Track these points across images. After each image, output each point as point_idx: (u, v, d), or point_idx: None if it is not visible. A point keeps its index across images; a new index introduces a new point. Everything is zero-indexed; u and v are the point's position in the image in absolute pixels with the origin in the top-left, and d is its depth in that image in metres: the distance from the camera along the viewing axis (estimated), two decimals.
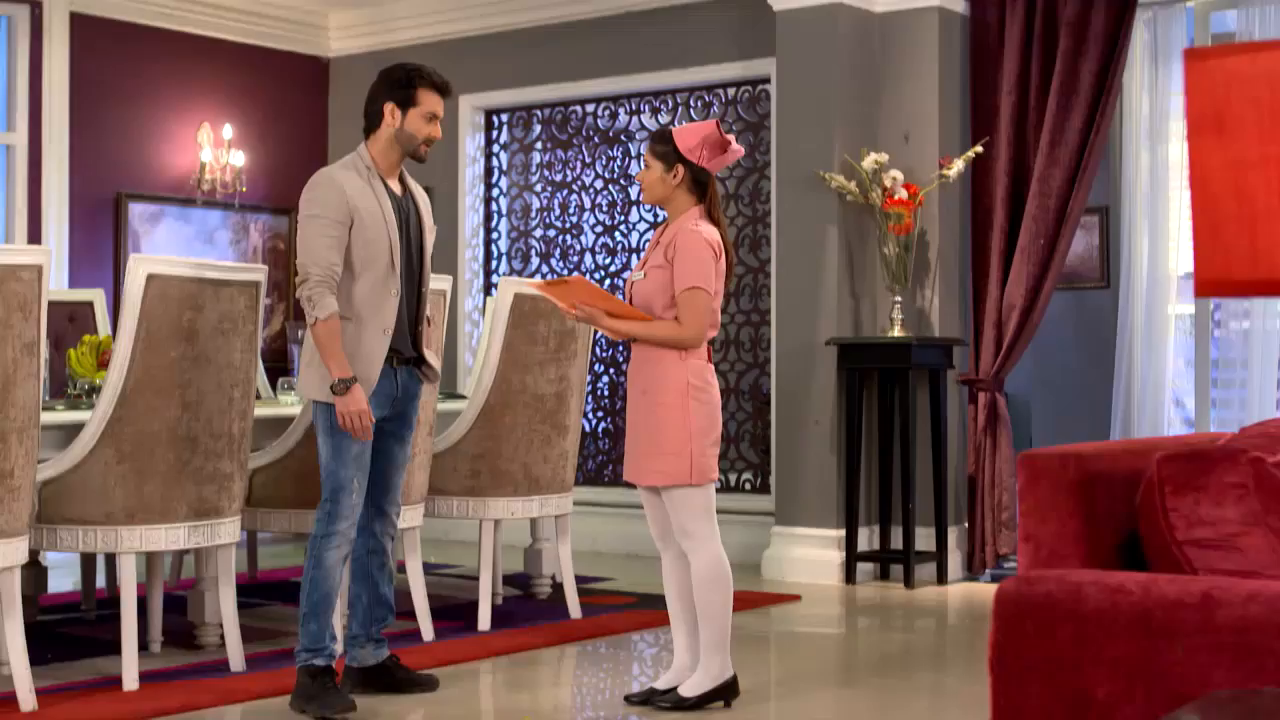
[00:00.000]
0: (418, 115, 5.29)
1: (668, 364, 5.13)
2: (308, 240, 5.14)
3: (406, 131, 5.28)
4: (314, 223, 5.15)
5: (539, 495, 6.79)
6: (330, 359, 5.08)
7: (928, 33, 8.34)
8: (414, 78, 5.32)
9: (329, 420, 5.15)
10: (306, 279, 5.09)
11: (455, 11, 10.29)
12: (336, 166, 5.29)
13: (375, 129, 5.32)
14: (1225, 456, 2.54)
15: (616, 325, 5.20)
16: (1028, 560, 2.65)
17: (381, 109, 5.30)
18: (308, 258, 5.11)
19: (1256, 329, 8.67)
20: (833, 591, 7.96)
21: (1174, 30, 8.83)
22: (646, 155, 5.27)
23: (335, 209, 5.13)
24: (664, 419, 5.11)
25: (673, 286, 5.11)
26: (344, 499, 5.19)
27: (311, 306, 5.07)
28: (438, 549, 9.22)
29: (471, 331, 10.28)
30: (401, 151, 5.31)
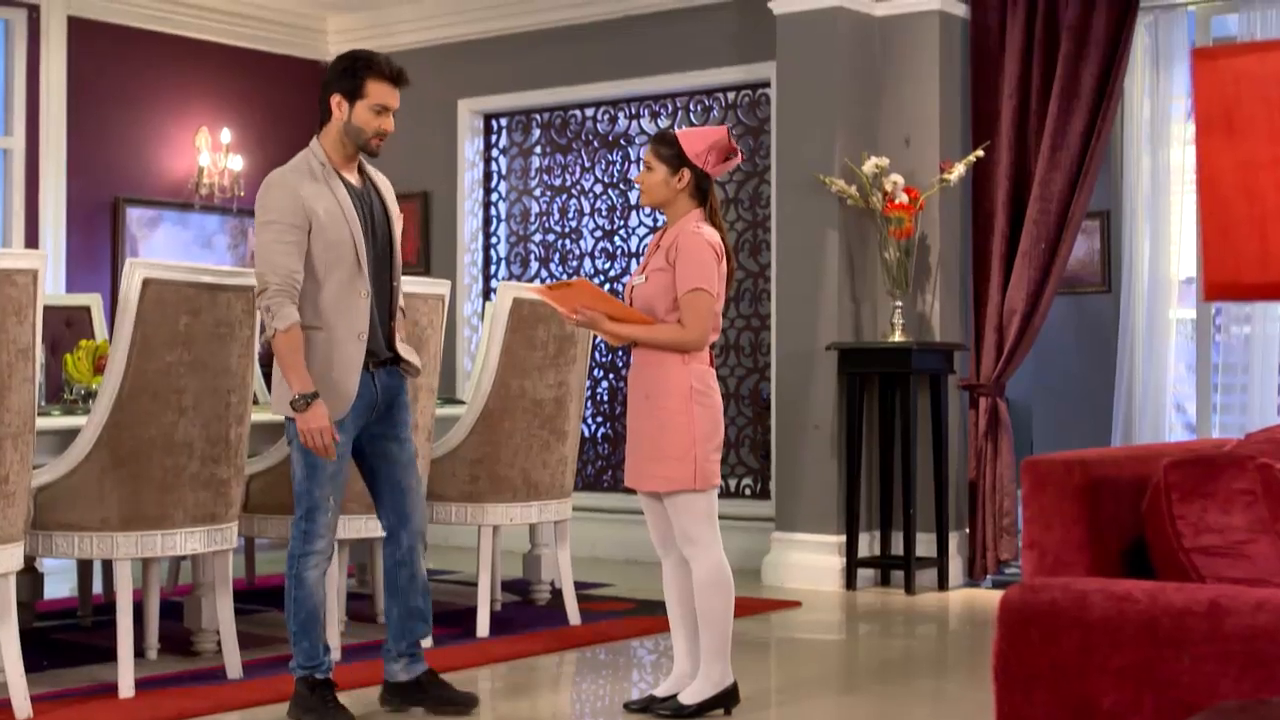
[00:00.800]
0: (365, 108, 5.04)
1: (671, 368, 5.08)
2: (264, 248, 4.92)
3: (354, 125, 5.05)
4: (269, 229, 4.92)
5: (538, 501, 6.75)
6: (290, 372, 4.87)
7: (928, 36, 8.31)
8: (360, 67, 5.07)
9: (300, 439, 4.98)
10: (265, 289, 4.88)
11: (454, 15, 10.26)
12: (287, 168, 5.06)
13: (325, 123, 5.11)
14: (1232, 463, 2.51)
15: (618, 329, 5.11)
16: (1032, 567, 2.61)
17: (329, 101, 5.08)
18: (265, 266, 4.89)
19: (1258, 333, 8.64)
20: (833, 598, 7.92)
21: (1175, 34, 8.81)
22: (649, 157, 5.19)
23: (290, 213, 4.92)
24: (667, 424, 5.05)
25: (675, 289, 5.07)
26: (319, 517, 5.04)
27: (270, 318, 4.86)
28: (436, 555, 9.17)
29: (470, 336, 10.25)
30: (352, 145, 5.08)
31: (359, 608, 7.06)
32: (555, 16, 9.87)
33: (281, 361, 4.89)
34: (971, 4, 8.43)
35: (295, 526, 5.07)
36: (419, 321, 6.18)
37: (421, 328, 6.19)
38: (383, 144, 5.14)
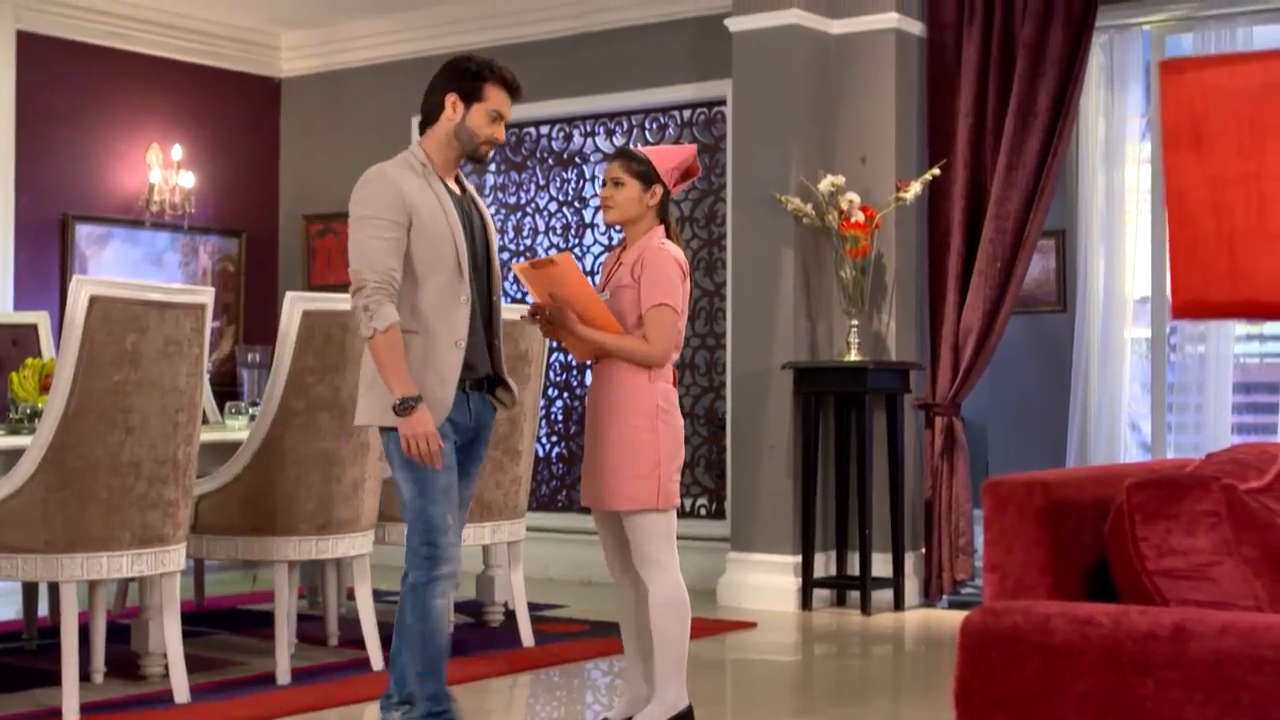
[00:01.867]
0: (482, 112, 4.79)
1: (637, 385, 5.00)
2: (361, 244, 4.64)
3: (467, 128, 4.79)
4: (367, 224, 4.64)
5: (491, 521, 6.69)
6: (392, 375, 4.58)
7: (884, 54, 8.29)
8: (484, 71, 4.83)
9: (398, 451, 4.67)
10: (361, 286, 4.60)
11: (408, 32, 10.20)
12: (389, 163, 4.79)
13: (432, 123, 4.84)
14: (1196, 484, 2.46)
15: (584, 333, 4.98)
16: (993, 590, 2.56)
17: (442, 100, 4.81)
18: (361, 263, 4.62)
19: (1212, 353, 8.66)
20: (789, 618, 7.88)
21: (1130, 53, 8.83)
22: (620, 173, 5.09)
23: (389, 209, 4.65)
24: (632, 442, 4.94)
25: (640, 305, 5.02)
26: (441, 539, 4.69)
27: (369, 317, 4.57)
28: (388, 576, 9.07)
29: None
30: (460, 150, 4.82)
31: (310, 630, 6.97)
32: (510, 34, 9.81)
33: (381, 364, 4.60)
34: (928, 22, 8.42)
35: (412, 554, 4.70)
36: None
37: None
38: (490, 152, 4.93)
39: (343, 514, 6.10)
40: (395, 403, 4.57)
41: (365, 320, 4.59)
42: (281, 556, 6.01)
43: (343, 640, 6.77)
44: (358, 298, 4.61)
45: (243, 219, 10.58)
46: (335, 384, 5.99)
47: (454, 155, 4.84)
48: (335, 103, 10.62)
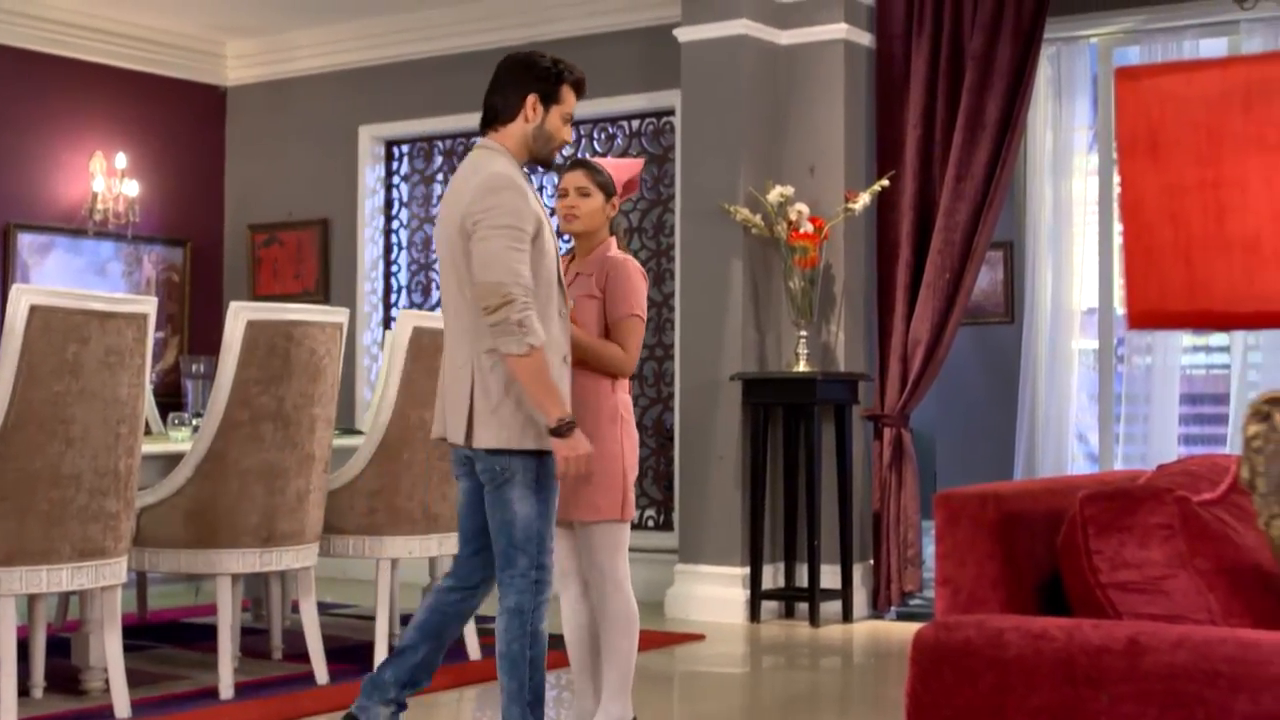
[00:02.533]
0: (559, 114, 4.63)
1: (602, 395, 4.93)
2: (501, 254, 4.34)
3: (546, 130, 4.61)
4: (503, 234, 4.36)
5: (438, 533, 6.62)
6: (550, 396, 4.38)
7: (833, 65, 8.28)
8: (563, 71, 4.66)
9: (534, 474, 4.49)
10: (511, 300, 4.32)
11: (355, 41, 10.14)
12: (507, 166, 4.52)
13: (507, 122, 4.61)
14: (1150, 496, 2.44)
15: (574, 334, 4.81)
16: (945, 604, 2.53)
17: (523, 100, 4.59)
18: (507, 275, 4.33)
19: (1159, 364, 8.69)
20: (737, 630, 7.84)
21: (1077, 65, 8.86)
22: (586, 183, 5.01)
23: (524, 218, 4.40)
24: (600, 453, 4.76)
25: (604, 316, 4.96)
26: (548, 560, 4.55)
27: (524, 333, 4.32)
28: (333, 588, 9.01)
29: (370, 366, 10.11)
30: (535, 152, 4.62)
31: (255, 643, 6.89)
32: (458, 43, 9.77)
33: (534, 383, 4.38)
34: (877, 33, 8.42)
35: (520, 579, 4.51)
36: (316, 351, 6.04)
37: (319, 356, 6.05)
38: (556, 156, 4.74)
39: (287, 526, 6.03)
40: (556, 425, 4.41)
41: (519, 336, 4.33)
42: (225, 569, 5.94)
43: (287, 654, 6.70)
44: (509, 311, 4.34)
45: (187, 228, 10.48)
46: (279, 394, 5.92)
47: (527, 157, 4.66)
48: (281, 111, 10.54)
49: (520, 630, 4.53)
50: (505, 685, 4.57)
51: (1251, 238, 1.78)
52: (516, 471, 4.48)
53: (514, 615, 4.54)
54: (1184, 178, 1.84)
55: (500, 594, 4.58)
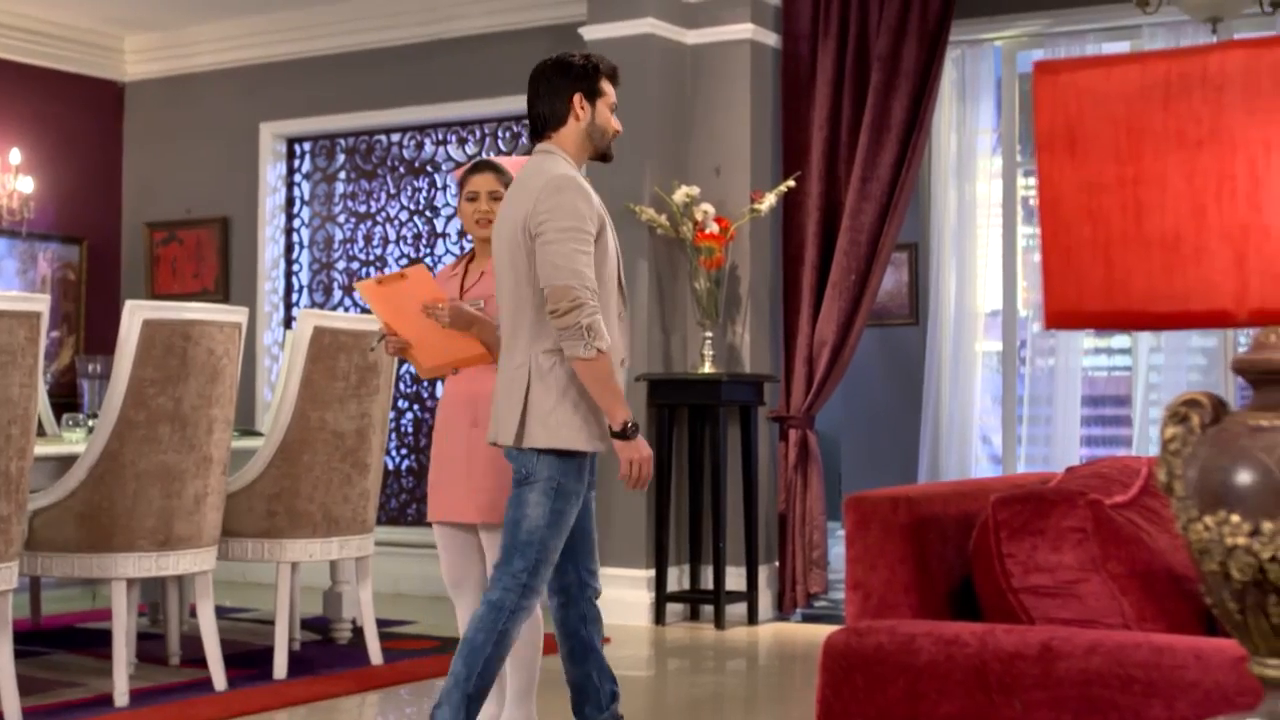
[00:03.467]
0: (605, 106, 4.61)
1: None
2: (569, 256, 4.33)
3: (598, 125, 4.59)
4: (571, 236, 4.35)
5: (338, 536, 6.52)
6: (615, 399, 4.39)
7: (740, 65, 8.26)
8: (597, 65, 4.63)
9: (561, 478, 4.47)
10: (581, 303, 4.31)
11: (256, 36, 10.00)
12: (567, 167, 4.52)
13: (557, 127, 4.58)
14: (1063, 499, 2.40)
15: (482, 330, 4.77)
16: (856, 610, 2.48)
17: (569, 102, 4.56)
18: (575, 278, 4.32)
19: (1062, 366, 8.74)
20: (642, 633, 7.79)
21: (982, 68, 8.89)
22: (499, 187, 4.94)
23: (589, 221, 4.40)
24: (500, 454, 4.73)
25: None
26: (545, 571, 4.50)
27: (592, 337, 4.30)
28: (233, 591, 8.88)
29: (271, 366, 9.98)
30: (593, 149, 4.62)
31: (151, 649, 6.76)
32: (361, 39, 9.66)
33: (601, 386, 4.37)
34: (783, 34, 8.40)
35: (510, 577, 4.48)
36: (214, 351, 5.92)
37: (217, 356, 5.94)
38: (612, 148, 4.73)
39: (184, 529, 5.91)
40: (618, 428, 4.44)
41: (587, 341, 4.32)
42: (120, 574, 5.81)
43: (184, 660, 6.58)
44: (578, 315, 4.32)
45: (84, 226, 10.30)
46: (177, 395, 5.81)
47: (586, 156, 4.65)
48: (180, 108, 10.38)
49: (492, 625, 4.49)
50: (456, 669, 4.52)
51: (1170, 236, 1.75)
52: (541, 476, 4.45)
53: (492, 608, 4.50)
54: (1103, 175, 1.80)
55: (489, 584, 4.58)
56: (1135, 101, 1.77)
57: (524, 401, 4.46)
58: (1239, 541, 1.80)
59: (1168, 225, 1.75)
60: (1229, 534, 1.81)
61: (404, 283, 4.80)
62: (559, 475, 4.46)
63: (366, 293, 4.93)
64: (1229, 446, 1.83)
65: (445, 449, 4.97)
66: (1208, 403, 1.90)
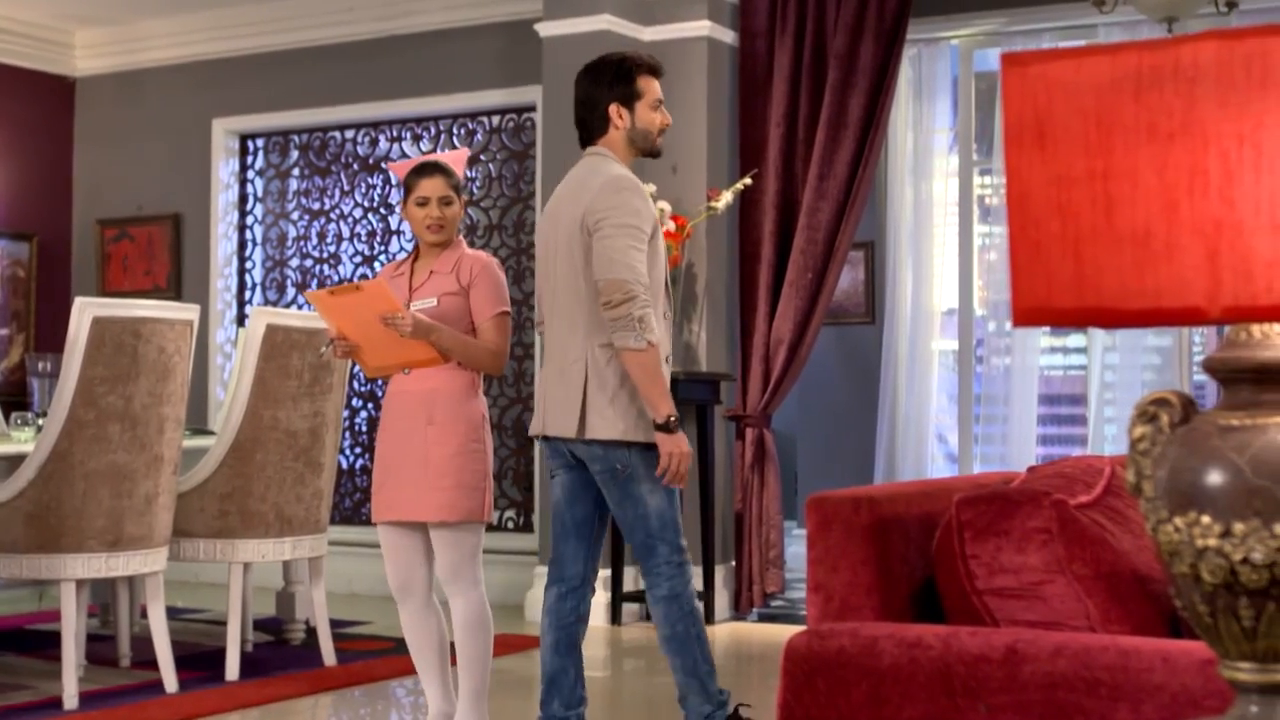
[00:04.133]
0: (645, 107, 4.71)
1: (467, 395, 4.85)
2: (625, 252, 4.46)
3: (639, 129, 4.71)
4: (628, 233, 4.48)
5: (291, 536, 6.45)
6: (661, 392, 4.49)
7: (696, 62, 8.21)
8: (631, 68, 4.73)
9: (654, 464, 4.56)
10: (634, 296, 4.43)
11: (209, 31, 9.91)
12: (622, 166, 4.66)
13: (602, 134, 4.74)
14: (1027, 499, 2.37)
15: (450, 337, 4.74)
16: (818, 612, 2.44)
17: (606, 111, 4.71)
18: (630, 273, 4.45)
19: (1018, 365, 8.75)
20: (598, 633, 7.74)
21: (939, 66, 8.89)
22: (449, 191, 4.89)
23: (646, 220, 4.55)
24: (462, 450, 4.78)
25: (472, 314, 4.85)
26: (684, 545, 4.65)
27: (643, 329, 4.43)
28: (184, 591, 8.80)
29: (224, 364, 9.89)
30: (639, 151, 4.75)
31: (101, 650, 6.68)
32: (315, 35, 9.58)
33: (648, 379, 4.47)
34: (740, 31, 8.36)
35: (666, 566, 4.61)
36: (165, 349, 5.85)
37: (168, 354, 5.86)
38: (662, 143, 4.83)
39: (135, 530, 5.84)
40: (661, 421, 4.51)
41: (638, 332, 4.45)
42: (69, 575, 5.73)
43: (135, 661, 6.50)
44: (631, 306, 4.44)
45: (34, 222, 10.19)
46: (127, 394, 5.73)
47: (634, 157, 4.76)
48: (132, 103, 10.28)
49: (681, 612, 4.61)
50: (678, 664, 4.64)
51: (1141, 231, 1.72)
52: (639, 465, 4.56)
53: (671, 601, 4.61)
54: (1072, 168, 1.77)
55: (649, 584, 4.66)
56: (1105, 94, 1.74)
57: (582, 396, 4.57)
58: (1210, 543, 1.77)
59: (1138, 220, 1.72)
60: (1200, 536, 1.78)
61: (358, 294, 4.73)
62: (651, 460, 4.55)
63: (317, 302, 4.86)
64: (1199, 447, 1.80)
65: (396, 447, 4.90)
66: (1177, 402, 1.87)
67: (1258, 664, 1.81)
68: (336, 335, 4.84)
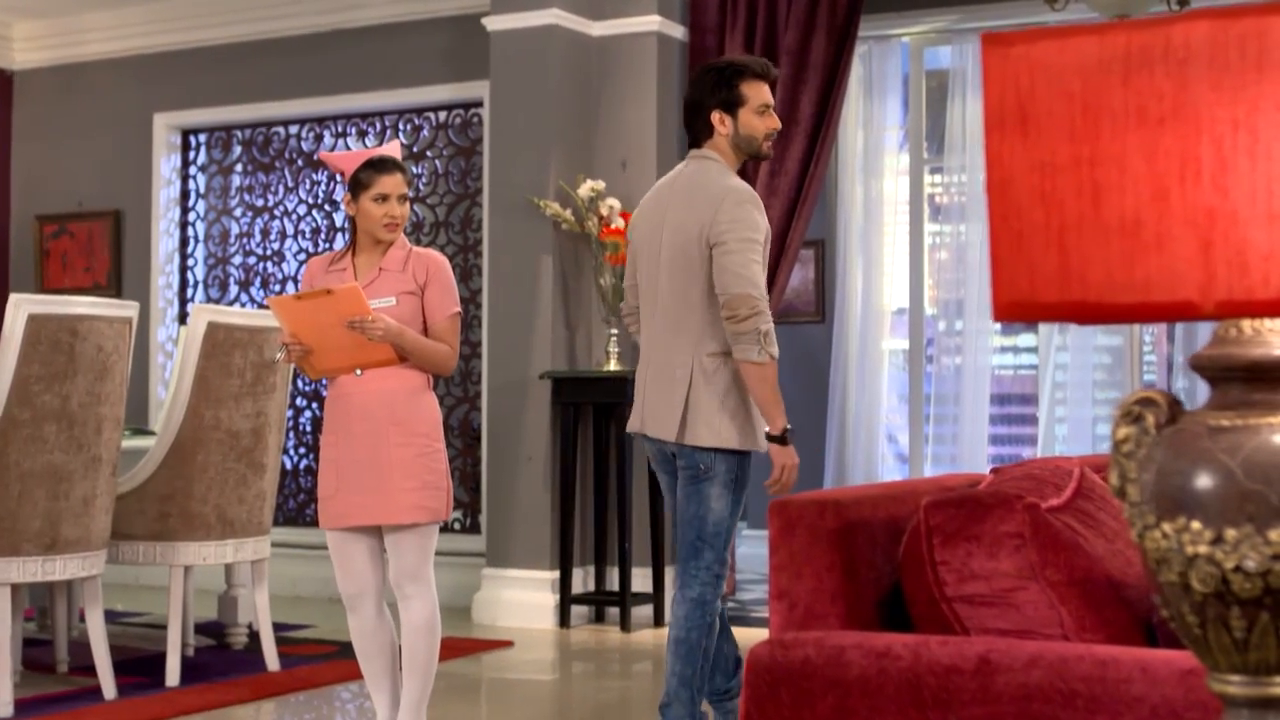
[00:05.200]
0: (750, 112, 4.72)
1: (425, 395, 4.77)
2: (749, 267, 4.56)
3: (743, 135, 4.73)
4: (750, 246, 4.58)
5: (234, 539, 6.32)
6: (777, 404, 4.59)
7: (646, 57, 8.12)
8: (735, 74, 4.74)
9: (735, 474, 4.65)
10: (760, 311, 4.54)
11: (150, 24, 9.75)
12: (736, 177, 4.72)
13: (708, 138, 4.77)
14: (999, 503, 2.28)
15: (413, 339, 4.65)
16: (781, 620, 2.34)
17: (709, 119, 4.74)
18: (754, 288, 4.55)
19: (969, 364, 8.71)
20: (547, 636, 7.64)
21: (889, 64, 8.84)
22: (405, 190, 4.81)
23: (763, 232, 4.64)
24: (425, 451, 4.71)
25: (426, 313, 4.76)
26: (729, 559, 4.76)
27: (768, 344, 4.54)
28: (125, 594, 8.64)
29: (165, 363, 9.73)
30: (744, 155, 4.78)
31: (39, 655, 6.52)
32: (259, 28, 9.44)
33: (768, 391, 4.57)
34: (690, 26, 8.27)
35: (704, 570, 4.66)
36: (103, 347, 5.71)
37: (106, 353, 5.72)
38: (772, 147, 4.84)
39: (72, 532, 5.69)
40: (778, 433, 4.62)
41: (761, 346, 4.54)
42: (4, 579, 5.58)
43: (73, 667, 6.35)
44: (757, 321, 4.53)
45: None
46: (64, 393, 5.58)
47: (739, 161, 4.80)
48: (71, 97, 10.11)
49: (701, 619, 4.64)
50: (678, 670, 4.66)
51: (1130, 221, 1.63)
52: (720, 470, 4.63)
53: (696, 605, 4.64)
54: (1057, 155, 1.68)
55: (682, 583, 4.69)
56: (1092, 76, 1.65)
57: (685, 401, 4.65)
58: (1200, 550, 1.68)
59: (1127, 209, 1.63)
60: (1189, 542, 1.69)
61: (329, 298, 4.59)
62: (736, 469, 4.64)
63: (281, 308, 4.70)
64: (1188, 448, 1.71)
65: (354, 450, 4.75)
66: (1163, 401, 1.78)
67: (1249, 677, 1.72)
68: (290, 340, 4.69)
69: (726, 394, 4.63)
